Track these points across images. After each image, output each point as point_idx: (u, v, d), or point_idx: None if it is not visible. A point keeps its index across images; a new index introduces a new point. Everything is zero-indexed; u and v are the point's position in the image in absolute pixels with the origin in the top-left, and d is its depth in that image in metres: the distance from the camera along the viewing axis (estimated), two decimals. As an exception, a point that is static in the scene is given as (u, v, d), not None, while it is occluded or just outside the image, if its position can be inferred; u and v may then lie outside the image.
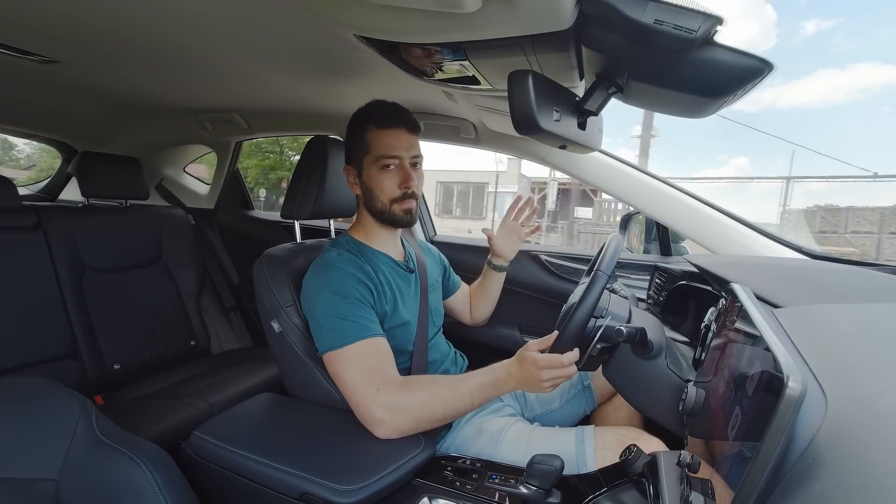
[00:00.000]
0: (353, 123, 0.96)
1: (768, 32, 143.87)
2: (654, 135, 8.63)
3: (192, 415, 1.22)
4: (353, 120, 0.97)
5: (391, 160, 0.92)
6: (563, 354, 0.76)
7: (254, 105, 1.57)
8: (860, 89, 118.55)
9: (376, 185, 0.93)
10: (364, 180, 0.95)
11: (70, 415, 0.66)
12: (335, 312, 0.84)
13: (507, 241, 1.19)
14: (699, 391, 0.60)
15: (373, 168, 0.93)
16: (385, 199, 0.93)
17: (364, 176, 0.95)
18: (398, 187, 0.93)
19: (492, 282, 1.25)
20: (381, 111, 0.94)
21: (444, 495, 0.71)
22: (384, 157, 0.92)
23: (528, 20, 0.64)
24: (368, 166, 0.93)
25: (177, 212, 1.86)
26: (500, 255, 1.20)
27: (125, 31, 0.92)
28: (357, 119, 0.96)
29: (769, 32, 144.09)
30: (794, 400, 0.35)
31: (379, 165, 0.92)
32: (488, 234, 1.21)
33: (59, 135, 2.17)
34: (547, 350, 0.78)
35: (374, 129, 0.93)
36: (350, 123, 0.97)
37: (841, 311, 0.64)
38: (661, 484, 0.53)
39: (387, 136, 0.92)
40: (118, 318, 1.51)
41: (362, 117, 0.95)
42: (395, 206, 0.94)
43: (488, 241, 1.21)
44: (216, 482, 0.80)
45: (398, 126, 0.93)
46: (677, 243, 1.47)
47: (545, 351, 0.79)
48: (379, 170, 0.92)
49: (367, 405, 0.80)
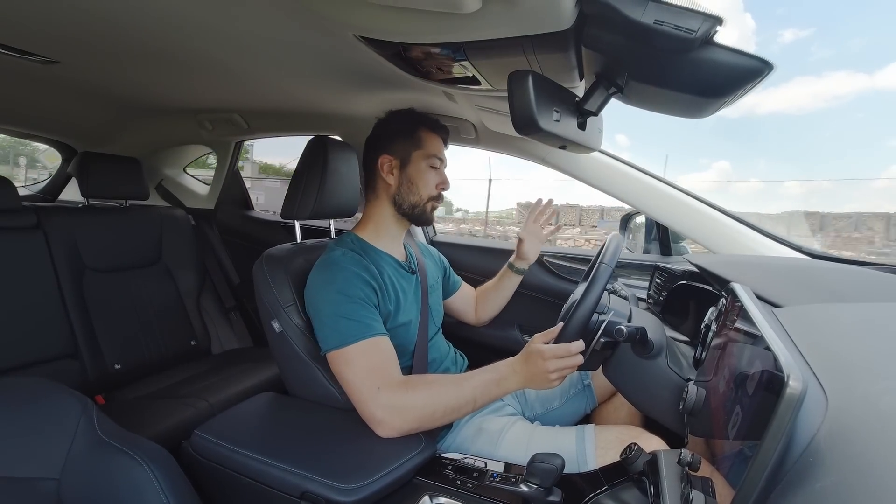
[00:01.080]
0: (404, 118, 1.04)
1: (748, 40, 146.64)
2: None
3: (193, 414, 1.22)
4: (403, 115, 1.04)
5: (438, 160, 1.01)
6: (569, 343, 0.76)
7: (254, 105, 1.57)
8: (835, 96, 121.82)
9: (422, 179, 1.00)
10: (408, 172, 1.00)
11: (71, 414, 0.66)
12: (339, 312, 0.84)
13: (532, 243, 1.22)
14: (699, 390, 0.60)
15: (423, 163, 1.00)
16: (425, 193, 1.00)
17: (410, 168, 0.99)
18: (436, 187, 1.01)
19: (509, 284, 1.27)
20: (432, 119, 1.05)
21: (445, 494, 0.71)
22: (436, 156, 1.01)
23: (528, 20, 0.65)
24: (417, 160, 0.99)
25: (177, 212, 1.85)
26: (525, 258, 1.23)
27: (125, 31, 0.92)
28: (409, 116, 1.04)
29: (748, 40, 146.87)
30: (795, 399, 0.35)
31: (430, 162, 1.00)
32: (521, 237, 1.23)
33: (59, 135, 2.17)
34: (552, 342, 0.78)
35: (427, 130, 1.02)
36: (397, 117, 1.04)
37: (841, 311, 0.64)
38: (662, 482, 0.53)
39: (438, 141, 1.03)
40: (118, 318, 1.51)
41: (415, 116, 1.04)
42: (429, 203, 1.01)
43: (517, 245, 1.23)
44: (217, 481, 0.80)
45: (443, 135, 1.05)
46: (677, 243, 1.47)
47: (550, 343, 0.79)
48: (428, 167, 1.00)
49: (368, 404, 0.80)
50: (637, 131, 69.02)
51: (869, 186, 73.14)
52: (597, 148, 0.96)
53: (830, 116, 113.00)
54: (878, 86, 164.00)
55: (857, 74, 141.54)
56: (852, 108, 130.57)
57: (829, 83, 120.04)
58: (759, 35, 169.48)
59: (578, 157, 1.28)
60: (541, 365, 0.76)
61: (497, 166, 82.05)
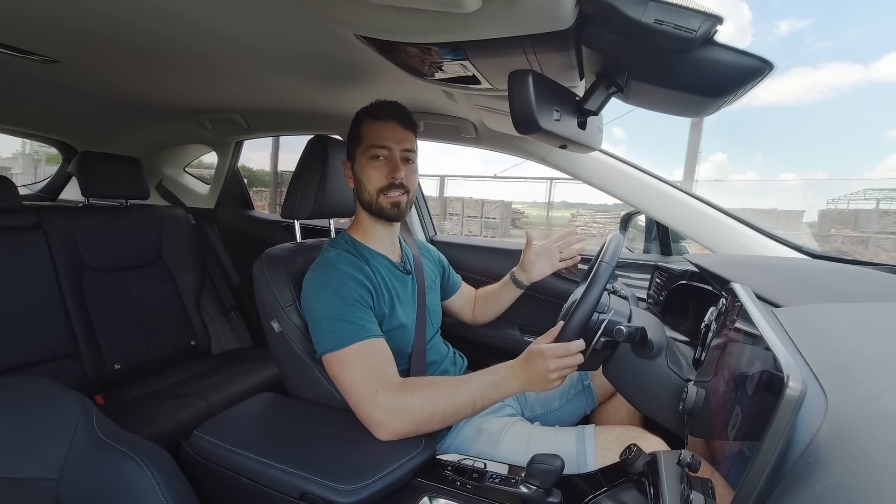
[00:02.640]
0: (354, 119, 1.00)
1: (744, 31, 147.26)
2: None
3: (193, 414, 1.22)
4: (354, 116, 1.00)
5: (380, 150, 0.94)
6: (569, 342, 0.76)
7: (254, 105, 1.57)
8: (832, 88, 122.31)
9: (364, 175, 0.95)
10: (355, 171, 0.98)
11: (70, 414, 0.66)
12: (334, 314, 0.84)
13: (539, 260, 1.20)
14: (699, 391, 0.60)
15: (363, 158, 0.95)
16: (372, 189, 0.94)
17: (355, 167, 0.98)
18: (385, 177, 0.93)
19: (508, 295, 1.25)
20: (378, 105, 0.98)
21: (444, 495, 0.71)
22: (373, 146, 0.94)
23: (528, 20, 0.64)
24: (360, 156, 0.96)
25: (177, 212, 1.85)
26: (526, 270, 1.20)
27: (125, 31, 0.92)
28: (357, 115, 0.99)
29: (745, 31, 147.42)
30: (795, 399, 0.35)
31: (368, 155, 0.94)
32: (529, 238, 1.20)
33: (59, 135, 2.17)
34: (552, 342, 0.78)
35: (369, 121, 0.96)
36: (353, 120, 1.00)
37: (841, 311, 0.64)
38: (662, 483, 0.53)
39: (379, 128, 0.95)
40: (118, 318, 1.51)
41: (362, 112, 0.99)
42: (381, 197, 0.94)
43: (524, 248, 1.21)
44: (216, 482, 0.80)
45: (391, 119, 0.95)
46: (677, 243, 1.47)
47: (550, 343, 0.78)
48: (368, 159, 0.94)
49: (365, 407, 0.79)
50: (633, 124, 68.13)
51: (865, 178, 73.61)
52: (597, 147, 0.96)
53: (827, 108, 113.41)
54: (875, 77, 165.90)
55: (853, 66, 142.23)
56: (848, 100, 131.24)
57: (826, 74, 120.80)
58: (755, 26, 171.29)
59: (579, 157, 1.28)
60: (541, 364, 0.76)
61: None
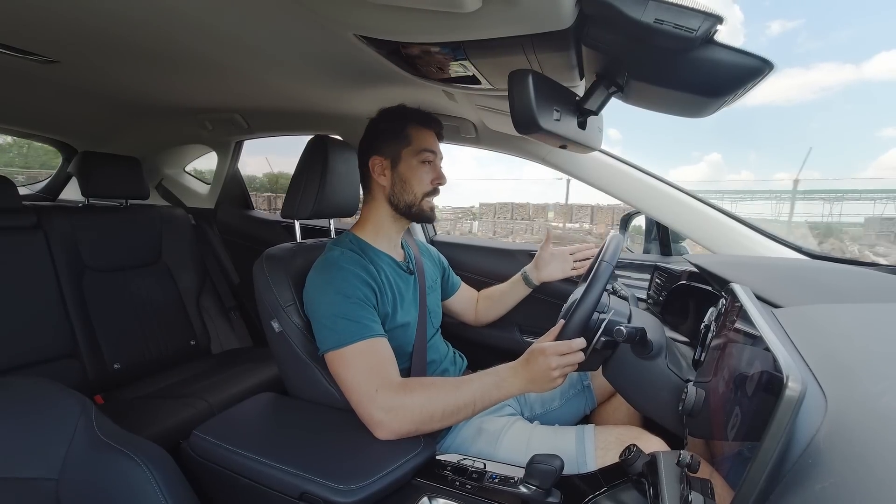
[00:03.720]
0: (392, 117, 1.00)
1: (736, 32, 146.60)
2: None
3: (192, 414, 1.22)
4: (391, 114, 1.01)
5: (431, 155, 0.99)
6: (570, 340, 0.76)
7: (254, 105, 1.57)
8: (823, 87, 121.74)
9: (414, 177, 0.97)
10: (400, 171, 0.98)
11: (70, 414, 0.66)
12: (337, 312, 0.84)
13: (554, 261, 1.21)
14: (699, 391, 0.60)
15: (413, 160, 0.97)
16: (419, 191, 0.98)
17: (401, 167, 0.98)
18: (432, 182, 0.98)
19: (516, 293, 1.26)
20: (422, 113, 1.01)
21: (444, 495, 0.71)
22: (426, 150, 0.98)
23: (528, 20, 0.64)
24: (408, 158, 0.97)
25: (177, 212, 1.86)
26: (539, 267, 1.21)
27: (125, 31, 0.92)
28: (396, 113, 1.00)
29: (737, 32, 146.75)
30: (794, 400, 0.35)
31: (420, 158, 0.97)
32: (549, 236, 1.22)
33: (59, 135, 2.17)
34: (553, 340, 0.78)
35: (416, 125, 0.99)
36: (385, 116, 1.01)
37: (841, 311, 0.64)
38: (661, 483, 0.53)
39: (428, 135, 1.00)
40: (118, 318, 1.51)
41: (403, 113, 1.00)
42: (425, 199, 0.99)
43: (542, 245, 1.22)
44: (216, 482, 0.80)
45: (434, 128, 1.02)
46: (677, 243, 1.47)
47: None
48: (419, 163, 0.98)
49: (366, 406, 0.80)
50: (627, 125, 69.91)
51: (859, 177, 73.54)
52: (597, 147, 0.96)
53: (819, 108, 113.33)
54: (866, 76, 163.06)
55: (844, 65, 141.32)
56: (841, 99, 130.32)
57: (818, 74, 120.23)
58: (747, 27, 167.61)
59: (578, 157, 1.28)
60: (543, 362, 0.76)
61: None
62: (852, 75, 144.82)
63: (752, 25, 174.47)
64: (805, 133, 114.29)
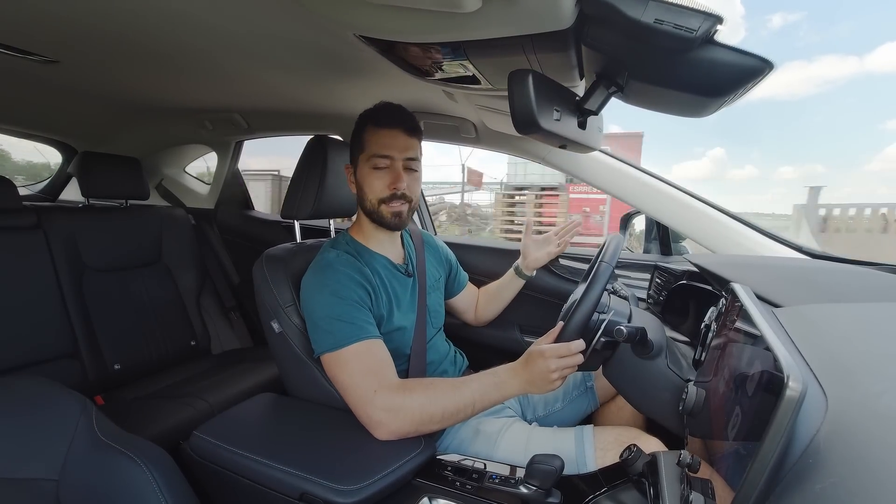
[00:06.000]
0: (357, 122, 0.98)
1: (738, 26, 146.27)
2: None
3: (192, 415, 1.22)
4: (358, 119, 0.98)
5: (382, 159, 0.92)
6: (569, 342, 0.76)
7: (254, 105, 1.57)
8: (826, 80, 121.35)
9: (366, 184, 0.94)
10: (358, 178, 0.97)
11: (70, 415, 0.66)
12: (332, 314, 0.84)
13: (537, 247, 1.21)
14: (699, 391, 0.60)
15: (365, 166, 0.94)
16: (373, 198, 0.93)
17: (358, 173, 0.96)
18: (387, 187, 0.92)
19: (512, 287, 1.25)
20: (382, 111, 0.95)
21: (444, 495, 0.71)
22: (376, 155, 0.92)
23: (527, 20, 0.64)
24: (363, 164, 0.95)
25: (177, 212, 1.86)
26: (526, 256, 1.21)
27: (125, 31, 0.92)
28: (360, 118, 0.97)
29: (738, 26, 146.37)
30: (795, 400, 0.35)
31: (371, 164, 0.93)
32: (528, 226, 1.23)
33: (59, 135, 2.17)
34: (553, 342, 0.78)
35: (372, 127, 0.94)
36: (356, 123, 0.98)
37: (841, 311, 0.64)
38: (661, 484, 0.53)
39: (382, 136, 0.93)
40: (118, 318, 1.51)
41: (365, 116, 0.96)
42: (382, 206, 0.93)
43: (523, 234, 1.23)
44: (216, 482, 0.80)
45: (395, 126, 0.93)
46: (677, 243, 1.47)
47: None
48: (370, 168, 0.93)
49: (364, 407, 0.79)
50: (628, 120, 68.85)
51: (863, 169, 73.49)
52: (597, 147, 0.96)
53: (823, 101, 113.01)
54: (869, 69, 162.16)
55: (847, 58, 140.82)
56: (844, 92, 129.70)
57: (821, 67, 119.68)
58: (748, 21, 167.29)
59: (579, 157, 1.28)
60: (542, 364, 0.76)
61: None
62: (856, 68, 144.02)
63: (753, 19, 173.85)
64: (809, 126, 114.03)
